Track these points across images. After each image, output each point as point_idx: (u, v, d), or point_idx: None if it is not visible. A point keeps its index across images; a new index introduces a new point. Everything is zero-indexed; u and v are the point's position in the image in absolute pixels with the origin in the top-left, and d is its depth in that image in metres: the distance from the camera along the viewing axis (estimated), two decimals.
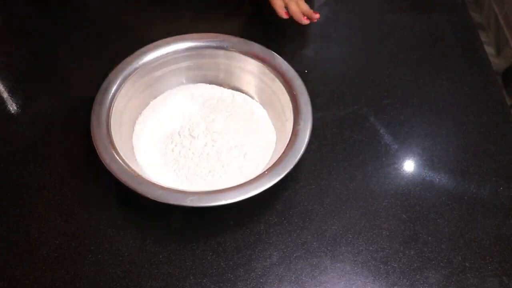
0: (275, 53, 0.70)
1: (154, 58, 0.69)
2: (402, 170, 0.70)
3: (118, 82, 0.66)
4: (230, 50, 0.71)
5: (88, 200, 0.65)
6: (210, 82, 0.74)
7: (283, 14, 0.75)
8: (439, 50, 0.84)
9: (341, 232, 0.63)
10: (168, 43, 0.69)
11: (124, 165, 0.58)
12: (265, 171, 0.59)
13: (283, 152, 0.61)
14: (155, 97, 0.72)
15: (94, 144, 0.60)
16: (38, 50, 0.82)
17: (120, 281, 0.58)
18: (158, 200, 0.56)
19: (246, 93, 0.73)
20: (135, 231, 0.63)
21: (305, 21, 0.76)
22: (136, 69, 0.67)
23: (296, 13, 0.75)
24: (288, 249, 0.62)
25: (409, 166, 0.70)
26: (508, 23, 1.71)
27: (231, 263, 0.60)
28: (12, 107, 0.74)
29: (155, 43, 0.69)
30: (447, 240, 0.63)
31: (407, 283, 0.60)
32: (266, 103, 0.72)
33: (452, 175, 0.69)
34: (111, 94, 0.65)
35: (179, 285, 0.58)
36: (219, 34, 0.72)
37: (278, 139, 0.68)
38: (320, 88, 0.78)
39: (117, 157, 0.59)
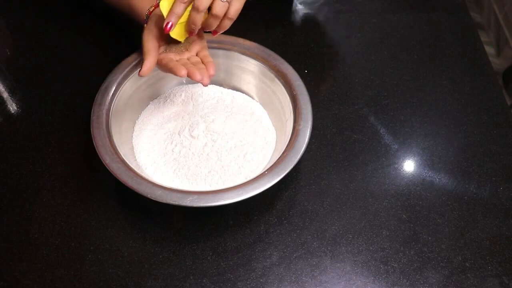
0: (275, 53, 0.70)
1: None
2: (402, 170, 0.70)
3: (118, 82, 0.66)
4: (230, 50, 0.71)
5: (88, 200, 0.65)
6: (210, 82, 0.74)
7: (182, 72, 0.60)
8: (439, 50, 0.84)
9: (341, 232, 0.63)
10: None
11: (124, 165, 0.58)
12: (265, 171, 0.59)
13: (283, 152, 0.60)
14: (155, 97, 0.72)
15: (94, 144, 0.60)
16: (38, 50, 0.82)
17: (120, 281, 0.58)
18: (158, 200, 0.56)
19: (246, 93, 0.73)
20: (135, 231, 0.63)
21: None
22: (136, 69, 0.67)
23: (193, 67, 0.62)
24: (288, 249, 0.62)
25: (409, 166, 0.70)
26: (508, 23, 1.71)
27: (231, 263, 0.60)
28: (12, 107, 0.74)
29: None
30: (447, 240, 0.63)
31: (407, 283, 0.60)
32: (266, 103, 0.72)
33: (452, 175, 0.69)
34: (111, 94, 0.65)
35: (179, 285, 0.59)
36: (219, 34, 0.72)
37: (278, 139, 0.68)
38: (320, 88, 0.78)
39: (117, 157, 0.59)
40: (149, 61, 0.61)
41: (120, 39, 0.81)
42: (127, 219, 0.64)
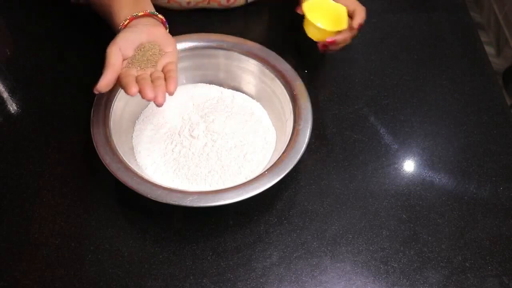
0: (275, 53, 0.70)
1: None
2: (402, 170, 0.69)
3: None
4: (230, 50, 0.71)
5: (88, 200, 0.65)
6: (210, 82, 0.74)
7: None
8: (439, 50, 0.84)
9: (341, 232, 0.63)
10: None
11: (124, 165, 0.58)
12: (265, 171, 0.59)
13: (283, 152, 0.61)
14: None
15: (94, 144, 0.60)
16: (38, 50, 0.82)
17: (120, 281, 0.58)
18: (158, 200, 0.56)
19: (246, 93, 0.73)
20: (135, 231, 0.63)
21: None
22: None
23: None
24: (288, 249, 0.62)
25: (409, 166, 0.70)
26: (508, 23, 1.71)
27: (231, 263, 0.60)
28: (12, 107, 0.74)
29: None
30: (447, 240, 0.63)
31: (407, 283, 0.59)
32: (266, 103, 0.72)
33: (452, 175, 0.69)
34: (111, 94, 0.65)
35: (179, 285, 0.58)
36: (219, 34, 0.72)
37: (278, 139, 0.68)
38: (320, 88, 0.78)
39: (117, 157, 0.59)
40: (108, 75, 0.55)
41: None
42: (127, 219, 0.64)
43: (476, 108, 0.76)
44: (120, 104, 0.66)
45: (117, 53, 0.57)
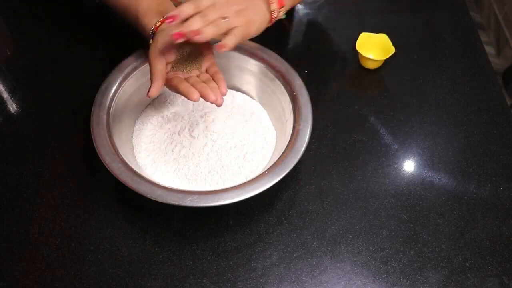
0: (275, 53, 0.70)
1: None
2: (402, 170, 0.70)
3: (118, 82, 0.66)
4: (230, 50, 0.70)
5: (88, 200, 0.65)
6: None
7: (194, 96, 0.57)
8: (439, 50, 0.84)
9: (341, 232, 0.63)
10: None
11: (124, 165, 0.58)
12: (265, 171, 0.59)
13: (283, 152, 0.60)
14: (155, 97, 0.72)
15: (94, 144, 0.60)
16: (38, 50, 0.82)
17: (120, 281, 0.58)
18: (158, 200, 0.56)
19: (246, 93, 0.73)
20: (135, 231, 0.63)
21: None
22: (136, 69, 0.67)
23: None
24: (288, 249, 0.62)
25: (409, 166, 0.70)
26: (508, 23, 1.71)
27: (231, 263, 0.60)
28: (12, 107, 0.74)
29: None
30: (447, 240, 0.63)
31: (407, 283, 0.60)
32: (266, 103, 0.72)
33: (452, 175, 0.69)
34: (111, 94, 0.65)
35: (179, 285, 0.59)
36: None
37: (278, 139, 0.68)
38: (320, 88, 0.78)
39: (117, 157, 0.59)
40: (158, 82, 0.58)
41: (120, 39, 0.81)
42: (127, 219, 0.64)
43: (476, 108, 0.76)
44: (120, 104, 0.66)
45: (162, 59, 0.59)
